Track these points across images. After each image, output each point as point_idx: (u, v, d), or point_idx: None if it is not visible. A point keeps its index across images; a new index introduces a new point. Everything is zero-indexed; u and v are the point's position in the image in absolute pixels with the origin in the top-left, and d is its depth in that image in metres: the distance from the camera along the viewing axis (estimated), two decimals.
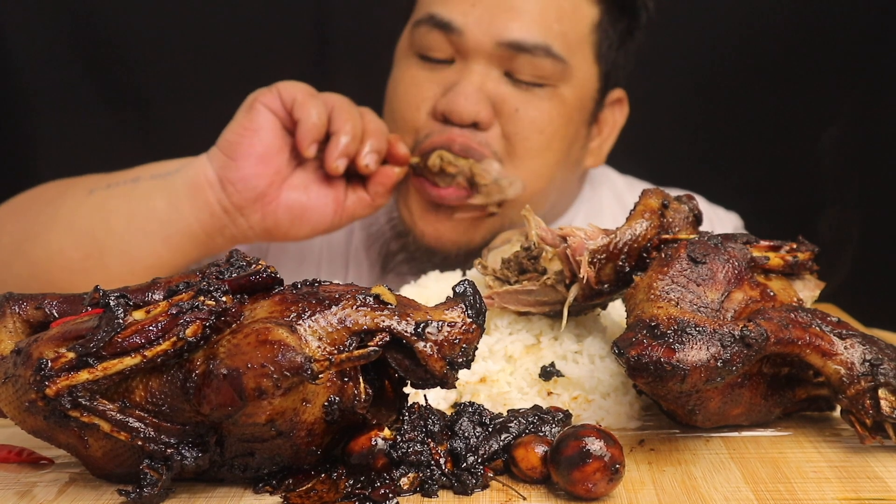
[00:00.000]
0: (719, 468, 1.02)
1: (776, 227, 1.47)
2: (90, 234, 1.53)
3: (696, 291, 1.06)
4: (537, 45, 1.58)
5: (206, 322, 0.90)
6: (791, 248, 1.17)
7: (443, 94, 1.61)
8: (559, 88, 1.62)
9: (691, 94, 2.34)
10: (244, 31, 2.31)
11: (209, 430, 0.92)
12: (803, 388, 1.13)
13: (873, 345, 1.07)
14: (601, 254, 1.13)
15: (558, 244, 1.15)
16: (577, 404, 1.14)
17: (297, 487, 0.95)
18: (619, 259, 1.14)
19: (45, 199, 1.62)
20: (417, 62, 1.66)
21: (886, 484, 0.98)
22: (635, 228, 1.14)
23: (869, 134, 2.29)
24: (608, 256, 1.13)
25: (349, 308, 0.94)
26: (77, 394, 0.89)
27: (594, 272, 1.13)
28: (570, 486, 0.92)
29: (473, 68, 1.60)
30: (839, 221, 2.24)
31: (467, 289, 0.98)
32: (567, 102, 1.64)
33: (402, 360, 0.95)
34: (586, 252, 1.12)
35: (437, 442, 0.97)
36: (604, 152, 1.83)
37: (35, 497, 0.96)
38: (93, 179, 1.61)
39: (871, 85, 2.29)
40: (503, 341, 1.19)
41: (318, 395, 0.92)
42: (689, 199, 1.19)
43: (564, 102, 1.63)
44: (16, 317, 1.02)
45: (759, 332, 1.00)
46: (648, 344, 0.98)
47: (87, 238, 1.53)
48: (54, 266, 1.53)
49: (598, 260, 1.13)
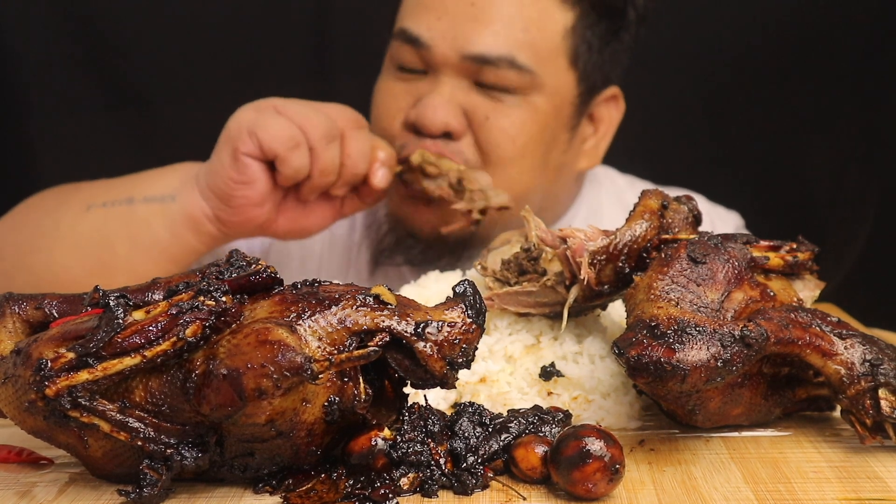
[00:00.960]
0: (719, 468, 1.02)
1: (777, 227, 1.47)
2: (94, 254, 1.54)
3: (696, 291, 1.06)
4: (501, 56, 1.58)
5: (206, 322, 0.90)
6: (791, 248, 1.17)
7: (413, 106, 1.63)
8: (530, 96, 1.62)
9: (692, 94, 2.34)
10: (244, 32, 2.31)
11: (209, 431, 0.92)
12: (803, 388, 1.13)
13: (873, 345, 1.07)
14: (601, 255, 1.13)
15: (558, 245, 1.15)
16: (577, 404, 1.14)
17: (297, 487, 0.95)
18: (619, 260, 1.14)
19: (43, 210, 1.62)
20: (395, 73, 1.68)
21: (886, 484, 0.98)
22: (635, 229, 1.14)
23: (869, 134, 2.29)
24: (608, 257, 1.13)
25: (349, 308, 0.94)
26: (77, 394, 0.89)
27: (594, 273, 1.13)
28: (570, 486, 0.92)
29: (443, 80, 1.61)
30: (839, 221, 2.24)
31: (467, 289, 0.98)
32: (540, 110, 1.63)
33: (402, 360, 0.95)
34: (586, 253, 1.12)
35: (437, 442, 0.97)
36: (600, 151, 1.82)
37: (35, 497, 0.96)
38: (88, 191, 1.61)
39: (872, 85, 2.29)
40: (503, 341, 1.19)
41: (318, 396, 0.92)
42: (688, 200, 1.19)
43: (537, 110, 1.63)
44: (16, 317, 1.02)
45: (759, 332, 1.00)
46: (648, 344, 0.98)
47: (92, 258, 1.54)
48: (59, 280, 1.53)
49: (598, 261, 1.13)
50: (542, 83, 1.62)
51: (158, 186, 1.55)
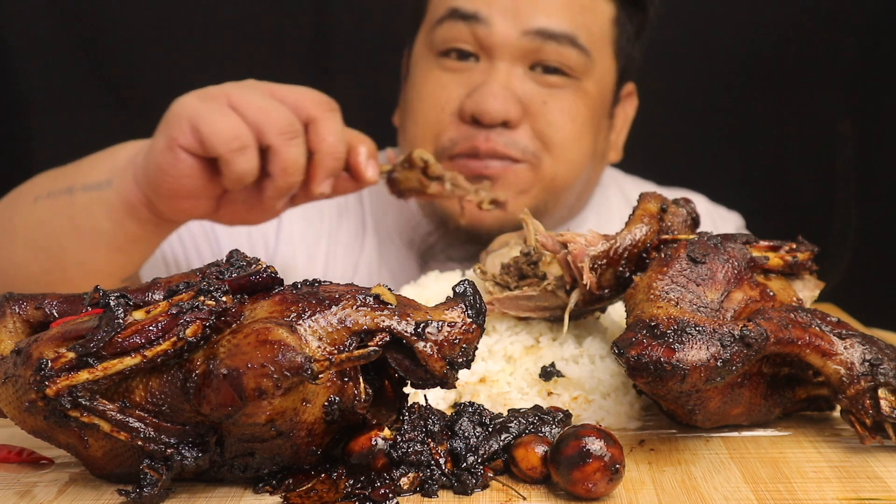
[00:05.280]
0: (719, 468, 1.02)
1: (778, 227, 1.47)
2: (45, 249, 1.47)
3: (695, 291, 1.06)
4: (564, 33, 1.58)
5: (206, 322, 0.90)
6: (790, 248, 1.17)
7: (468, 95, 1.59)
8: (582, 82, 1.62)
9: (695, 96, 2.35)
10: (244, 32, 2.31)
11: (209, 430, 0.92)
12: (803, 388, 1.13)
13: (873, 345, 1.07)
14: (602, 259, 1.13)
15: (559, 250, 1.16)
16: (578, 404, 1.14)
17: (297, 487, 0.95)
18: (619, 264, 1.14)
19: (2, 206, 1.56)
20: (439, 64, 1.63)
21: (886, 484, 0.98)
22: (635, 233, 1.14)
23: (870, 134, 2.29)
24: (609, 262, 1.14)
25: (349, 308, 0.94)
26: (77, 394, 0.89)
27: (595, 278, 1.13)
28: (570, 485, 0.92)
29: (499, 66, 1.58)
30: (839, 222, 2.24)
31: (467, 289, 0.98)
32: (590, 95, 1.65)
33: (402, 360, 0.95)
34: (587, 258, 1.13)
35: (437, 442, 0.97)
36: (620, 145, 1.84)
37: (35, 497, 0.96)
38: (37, 183, 1.53)
39: (873, 85, 2.29)
40: (503, 342, 1.19)
41: (318, 395, 0.92)
42: (686, 203, 1.19)
43: (588, 95, 1.64)
44: (16, 317, 1.02)
45: (759, 332, 1.00)
46: (648, 344, 0.98)
47: (43, 253, 1.47)
48: (18, 279, 1.47)
49: (599, 266, 1.13)
50: (594, 67, 1.63)
51: (97, 172, 1.44)
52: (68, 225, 1.44)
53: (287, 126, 1.32)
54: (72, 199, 1.45)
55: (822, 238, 1.35)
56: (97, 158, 1.48)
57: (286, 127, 1.32)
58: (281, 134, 1.32)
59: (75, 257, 1.45)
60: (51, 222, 1.46)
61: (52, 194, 1.47)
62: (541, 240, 1.17)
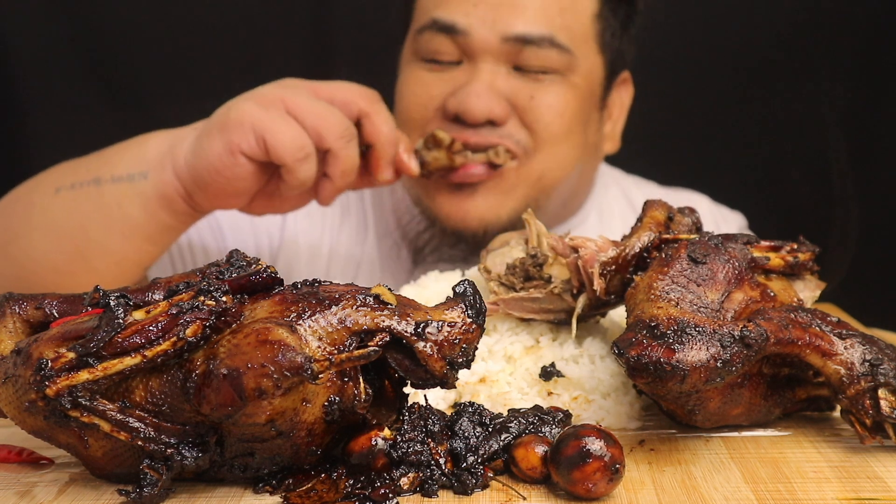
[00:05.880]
0: (719, 468, 1.02)
1: (780, 228, 1.47)
2: (69, 238, 1.49)
3: (696, 291, 1.06)
4: (542, 36, 1.59)
5: (207, 322, 0.90)
6: (791, 249, 1.17)
7: (452, 94, 1.61)
8: (568, 76, 1.63)
9: (697, 95, 2.35)
10: (245, 32, 2.31)
11: (209, 430, 0.92)
12: (803, 388, 1.13)
13: (873, 345, 1.07)
14: (611, 265, 1.14)
15: (569, 254, 1.16)
16: (578, 404, 1.14)
17: (297, 487, 0.95)
18: (627, 271, 1.14)
19: (16, 197, 1.59)
20: (423, 66, 1.65)
21: (886, 484, 0.98)
22: (644, 241, 1.15)
23: (870, 133, 2.29)
24: (617, 268, 1.14)
25: (349, 308, 0.94)
26: (77, 394, 0.89)
27: (605, 284, 1.13)
28: (570, 485, 0.92)
29: (481, 67, 1.60)
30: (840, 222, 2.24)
31: (467, 289, 0.98)
32: (578, 87, 1.65)
33: (402, 360, 0.95)
34: (598, 264, 1.13)
35: (437, 442, 0.97)
36: (617, 134, 1.85)
37: (35, 497, 0.96)
38: (56, 174, 1.56)
39: (874, 85, 2.29)
40: (503, 342, 1.19)
41: (318, 395, 0.92)
42: (691, 212, 1.21)
43: (576, 87, 1.65)
44: (16, 317, 1.02)
45: (759, 333, 1.00)
46: (648, 344, 0.98)
47: (68, 242, 1.49)
48: (40, 268, 1.50)
49: (608, 271, 1.14)
50: (577, 64, 1.64)
51: (126, 164, 1.48)
52: (97, 215, 1.48)
53: (344, 130, 1.40)
54: (100, 190, 1.48)
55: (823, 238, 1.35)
56: (123, 149, 1.52)
57: (343, 131, 1.40)
58: (340, 138, 1.40)
59: (101, 246, 1.49)
60: (76, 212, 1.49)
61: (77, 185, 1.50)
62: (552, 244, 1.18)
